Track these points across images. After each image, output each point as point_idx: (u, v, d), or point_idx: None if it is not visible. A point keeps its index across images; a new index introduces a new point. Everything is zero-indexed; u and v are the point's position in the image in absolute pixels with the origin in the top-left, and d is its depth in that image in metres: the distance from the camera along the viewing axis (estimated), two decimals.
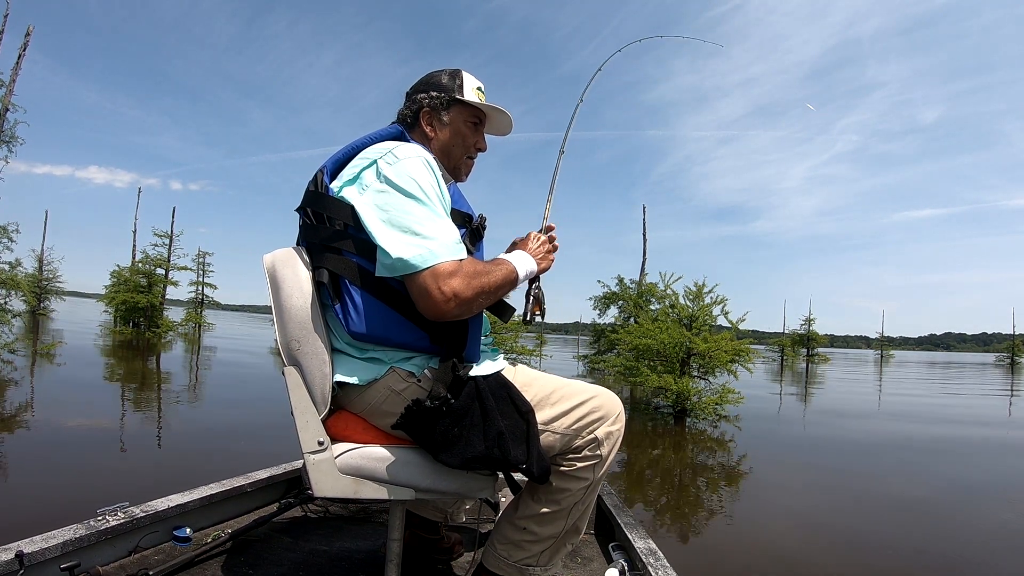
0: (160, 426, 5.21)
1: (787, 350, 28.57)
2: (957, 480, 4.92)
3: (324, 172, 1.19)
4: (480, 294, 1.11)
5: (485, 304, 1.17)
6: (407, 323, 1.13)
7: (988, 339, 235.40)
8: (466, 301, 1.09)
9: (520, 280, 1.25)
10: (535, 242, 1.37)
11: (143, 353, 13.06)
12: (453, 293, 1.07)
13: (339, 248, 1.14)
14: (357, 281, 1.13)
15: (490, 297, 1.15)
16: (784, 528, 3.48)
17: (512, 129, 1.43)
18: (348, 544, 1.77)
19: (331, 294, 1.13)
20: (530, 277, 1.30)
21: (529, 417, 1.16)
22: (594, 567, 1.72)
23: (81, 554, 1.37)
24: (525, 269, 1.27)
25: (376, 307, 1.12)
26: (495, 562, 1.29)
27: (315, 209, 1.17)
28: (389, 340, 1.14)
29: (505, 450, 1.09)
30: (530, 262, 1.30)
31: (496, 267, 1.18)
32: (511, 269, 1.22)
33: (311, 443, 1.11)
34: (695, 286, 8.52)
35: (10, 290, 9.48)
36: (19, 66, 11.29)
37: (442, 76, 1.34)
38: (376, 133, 1.27)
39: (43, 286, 25.28)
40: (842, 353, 76.09)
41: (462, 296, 1.08)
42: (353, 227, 1.13)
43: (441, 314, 1.09)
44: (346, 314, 1.12)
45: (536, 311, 1.35)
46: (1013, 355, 34.98)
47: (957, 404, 11.70)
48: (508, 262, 1.23)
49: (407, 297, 1.12)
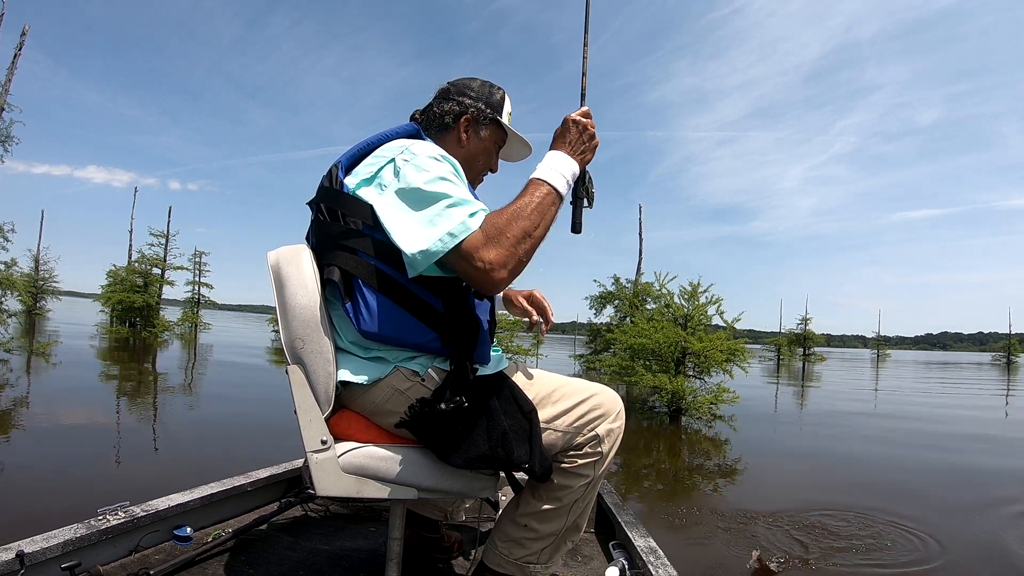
0: (155, 426, 5.20)
1: (783, 349, 28.65)
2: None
3: (339, 167, 1.19)
4: (519, 243, 1.05)
5: (536, 243, 1.08)
6: (418, 324, 1.13)
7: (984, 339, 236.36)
8: (509, 261, 1.04)
9: (564, 195, 1.14)
10: (574, 131, 1.19)
11: (139, 353, 13.01)
12: (490, 263, 1.03)
13: (353, 247, 1.13)
14: (371, 281, 1.11)
15: (535, 234, 1.07)
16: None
17: (531, 154, 1.44)
18: (348, 543, 1.78)
19: (342, 293, 1.13)
20: (575, 178, 1.17)
21: (532, 416, 1.16)
22: (594, 565, 1.73)
23: (82, 553, 1.37)
24: (564, 178, 1.14)
25: (388, 307, 1.12)
26: (496, 559, 1.30)
27: (329, 205, 1.17)
28: (401, 341, 1.14)
29: (509, 450, 1.10)
30: (569, 164, 1.16)
31: (526, 200, 1.09)
32: (546, 191, 1.11)
33: (314, 442, 1.11)
34: (690, 285, 8.53)
35: (6, 290, 9.45)
36: (15, 66, 11.26)
37: (495, 92, 1.35)
38: (392, 130, 1.26)
39: (39, 286, 25.14)
40: (839, 352, 76.31)
41: (501, 260, 1.03)
42: (369, 226, 1.12)
43: (494, 287, 1.05)
44: (357, 313, 1.12)
45: (591, 203, 1.22)
46: (1009, 354, 35.14)
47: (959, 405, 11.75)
48: (541, 183, 1.12)
49: (419, 298, 1.12)
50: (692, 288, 8.50)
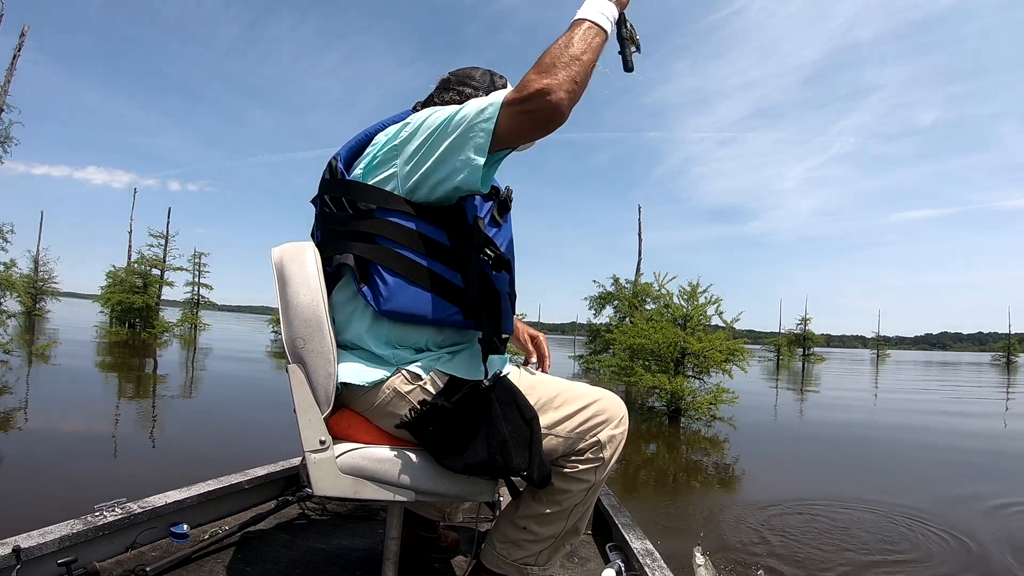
0: (153, 424, 5.21)
1: (783, 350, 28.66)
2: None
3: (339, 160, 1.19)
4: (568, 67, 1.01)
5: (586, 68, 1.03)
6: (438, 299, 1.12)
7: (984, 338, 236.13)
8: (564, 83, 0.99)
9: (607, 30, 1.10)
10: None
11: (139, 353, 13.01)
12: (545, 87, 0.99)
13: (367, 231, 1.12)
14: (388, 263, 1.11)
15: (584, 59, 1.03)
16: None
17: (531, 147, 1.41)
18: (346, 542, 1.78)
19: (357, 278, 1.12)
20: (615, 18, 1.14)
21: (533, 423, 1.14)
22: (591, 567, 1.72)
23: (78, 549, 1.37)
24: (604, 15, 1.10)
25: (407, 286, 1.11)
26: (494, 560, 1.29)
27: (335, 195, 1.16)
28: (422, 317, 1.12)
29: (508, 458, 1.08)
30: (606, 5, 1.11)
31: (568, 35, 1.06)
32: (587, 25, 1.07)
33: (312, 442, 1.10)
34: (689, 286, 8.54)
35: (5, 291, 9.44)
36: (14, 66, 11.27)
37: (496, 80, 1.35)
38: (389, 118, 1.25)
39: (39, 287, 25.17)
40: (839, 353, 76.27)
41: (556, 83, 0.99)
42: (383, 209, 1.12)
43: (556, 109, 1.00)
44: (376, 295, 1.11)
45: (638, 48, 1.20)
46: (1009, 354, 35.15)
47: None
48: (581, 21, 1.08)
49: (439, 275, 1.12)
50: (691, 288, 8.51)
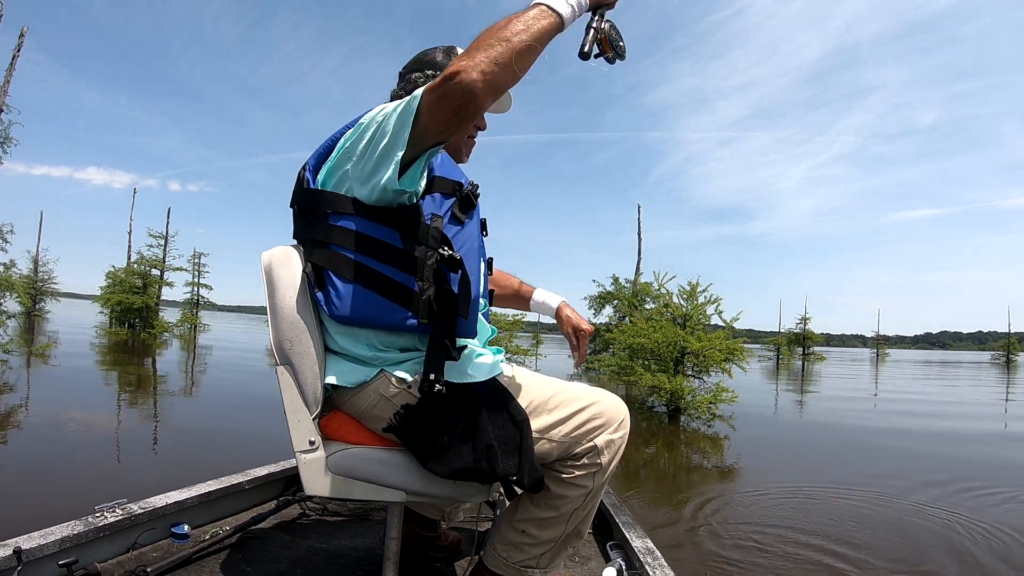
0: (156, 424, 5.21)
1: (783, 349, 28.66)
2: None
3: (307, 168, 1.18)
4: (491, 47, 0.93)
5: (514, 49, 0.94)
6: (390, 304, 1.09)
7: (984, 337, 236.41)
8: (480, 63, 0.92)
9: (563, 15, 0.99)
10: None
11: (139, 353, 13.01)
12: (460, 66, 0.92)
13: (323, 239, 1.12)
14: (341, 270, 1.10)
15: (514, 40, 0.94)
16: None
17: (511, 106, 1.36)
18: (346, 542, 1.78)
19: (312, 284, 1.12)
20: (584, 9, 1.04)
21: (523, 427, 1.12)
22: (591, 566, 1.72)
23: (79, 550, 1.38)
24: (570, 1, 1.00)
25: (359, 292, 1.09)
26: (495, 561, 1.28)
27: (301, 204, 1.17)
28: (373, 322, 1.10)
29: (494, 463, 1.06)
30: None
31: (508, 17, 0.98)
32: (539, 10, 0.98)
33: (302, 442, 1.12)
34: (689, 285, 8.54)
35: (5, 291, 9.44)
36: (13, 67, 11.26)
37: (436, 54, 1.30)
38: (353, 120, 1.22)
39: (38, 287, 25.15)
40: (838, 352, 76.22)
41: (471, 63, 0.92)
42: (336, 215, 1.11)
43: (468, 89, 0.93)
44: (328, 301, 1.10)
45: (607, 50, 1.08)
46: (1008, 353, 35.15)
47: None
48: (538, 3, 0.99)
49: (392, 280, 1.09)
50: (691, 288, 8.51)
